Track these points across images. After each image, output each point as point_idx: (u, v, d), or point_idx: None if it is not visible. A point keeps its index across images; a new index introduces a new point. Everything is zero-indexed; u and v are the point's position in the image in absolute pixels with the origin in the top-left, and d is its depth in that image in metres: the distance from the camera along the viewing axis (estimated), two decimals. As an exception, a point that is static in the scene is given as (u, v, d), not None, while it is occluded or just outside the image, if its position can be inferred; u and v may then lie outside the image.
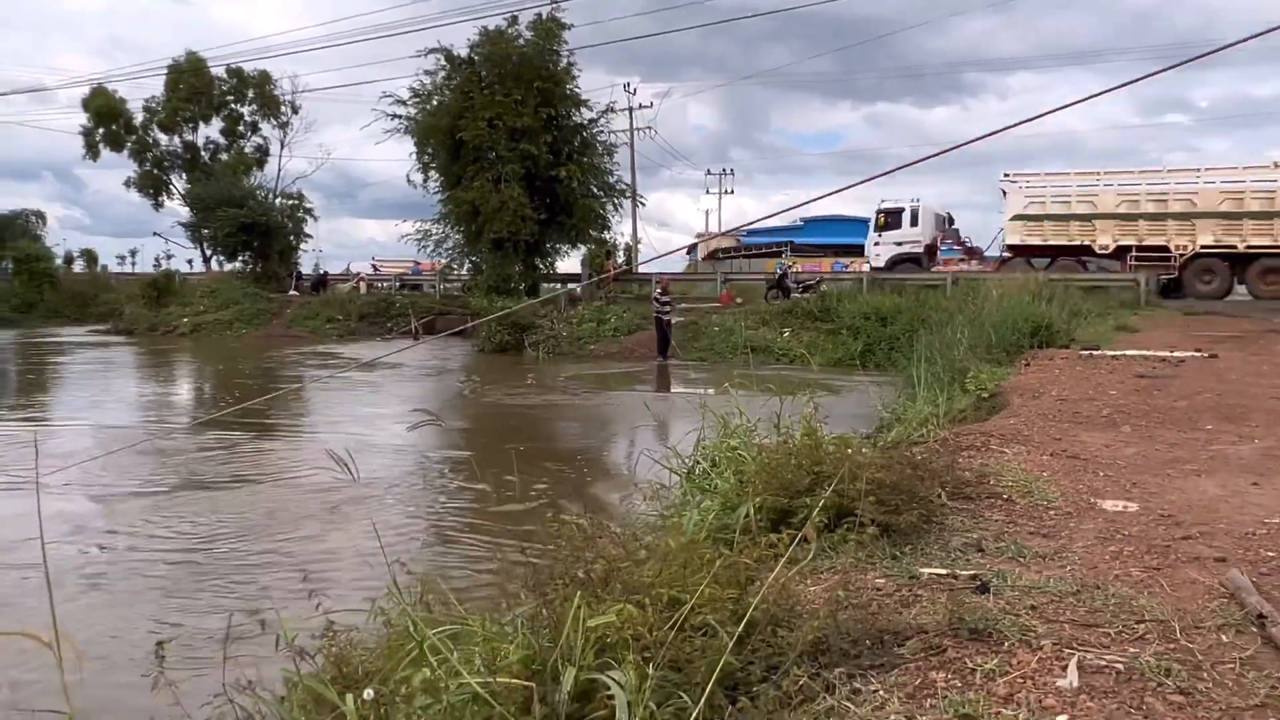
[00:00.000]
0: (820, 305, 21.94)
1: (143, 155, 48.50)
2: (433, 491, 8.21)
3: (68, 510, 7.10)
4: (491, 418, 12.82)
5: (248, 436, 10.50)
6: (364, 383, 16.58)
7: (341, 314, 29.45)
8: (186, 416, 13.76)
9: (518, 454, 8.43)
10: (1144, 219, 24.32)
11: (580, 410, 14.02)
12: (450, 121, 25.13)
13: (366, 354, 22.76)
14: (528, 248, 25.71)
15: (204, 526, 6.83)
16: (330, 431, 10.86)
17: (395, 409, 12.74)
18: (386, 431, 11.00)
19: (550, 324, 23.42)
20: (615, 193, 28.17)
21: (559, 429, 12.48)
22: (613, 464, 9.77)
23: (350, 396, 14.95)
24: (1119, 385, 7.27)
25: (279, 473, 8.77)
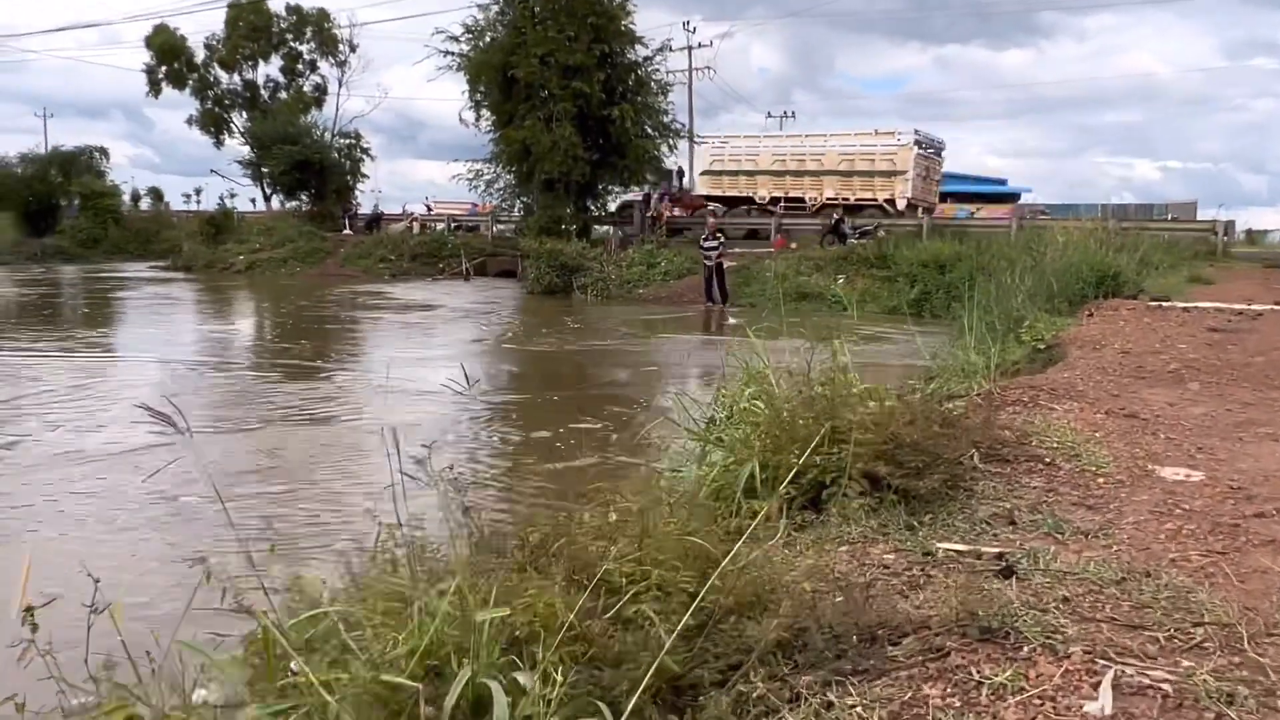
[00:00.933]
0: (877, 252, 21.17)
1: (204, 93, 48.76)
2: (467, 442, 7.90)
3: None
4: (535, 362, 12.49)
5: (297, 375, 10.44)
6: (416, 324, 16.48)
7: (394, 254, 29.39)
8: (251, 355, 13.81)
9: (553, 404, 8.20)
10: (789, 175, 29.54)
11: (623, 356, 13.44)
12: (502, 58, 24.57)
13: (417, 294, 22.68)
14: (579, 189, 25.21)
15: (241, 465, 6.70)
16: (376, 374, 10.64)
17: (441, 352, 12.62)
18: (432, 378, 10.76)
19: (599, 266, 23.02)
20: (670, 133, 27.43)
21: (598, 376, 12.06)
22: (644, 417, 9.33)
23: (402, 336, 14.93)
24: (1189, 339, 6.67)
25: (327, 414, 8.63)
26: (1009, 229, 23.36)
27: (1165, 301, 9.72)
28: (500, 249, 29.75)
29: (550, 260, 22.61)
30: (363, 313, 18.14)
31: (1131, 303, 9.77)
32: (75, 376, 9.92)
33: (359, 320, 16.44)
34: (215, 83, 49.02)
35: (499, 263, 29.19)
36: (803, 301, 20.25)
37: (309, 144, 32.22)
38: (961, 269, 19.00)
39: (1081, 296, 10.73)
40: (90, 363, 11.28)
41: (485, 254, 30.04)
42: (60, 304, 17.93)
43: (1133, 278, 11.61)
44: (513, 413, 8.50)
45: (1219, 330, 7.09)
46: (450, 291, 23.88)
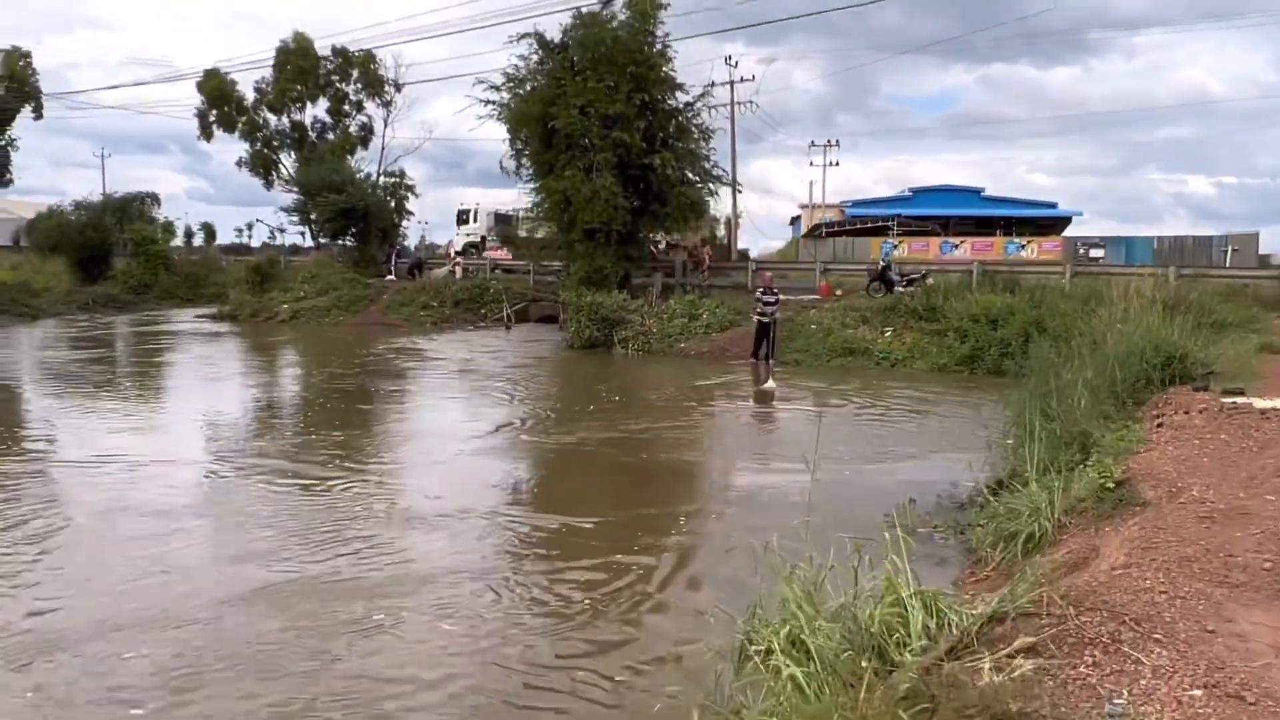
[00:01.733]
0: (925, 303, 20.61)
1: (253, 135, 49.65)
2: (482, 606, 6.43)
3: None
4: (563, 466, 10.67)
5: (309, 485, 10.15)
6: (445, 401, 15.82)
7: (436, 300, 29.46)
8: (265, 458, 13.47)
9: (579, 542, 7.56)
10: None
11: (668, 450, 11.25)
12: (542, 109, 24.51)
13: (455, 350, 22.53)
14: (620, 238, 24.97)
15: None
16: (390, 483, 9.40)
17: (466, 447, 11.14)
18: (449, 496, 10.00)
19: (640, 319, 22.73)
20: (711, 178, 27.12)
21: (636, 490, 9.63)
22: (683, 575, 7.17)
23: (428, 417, 14.01)
24: (1273, 473, 6.11)
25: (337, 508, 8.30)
26: (1062, 274, 22.69)
27: (1239, 396, 9.08)
28: (542, 294, 29.69)
29: (590, 314, 22.37)
30: (393, 381, 17.63)
31: (1202, 397, 9.16)
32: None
33: (386, 395, 15.82)
34: (264, 125, 49.92)
35: (541, 308, 29.13)
36: (849, 357, 19.86)
37: (352, 191, 32.40)
38: (1014, 324, 18.48)
39: (1147, 381, 10.15)
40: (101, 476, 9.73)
41: (527, 299, 30.02)
42: (97, 375, 17.72)
43: (1199, 356, 10.94)
44: (533, 551, 7.38)
45: (1309, 459, 6.51)
46: (490, 345, 23.72)
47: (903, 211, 54.09)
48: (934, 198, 57.25)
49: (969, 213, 55.16)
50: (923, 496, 9.08)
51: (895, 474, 10.38)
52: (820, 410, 14.20)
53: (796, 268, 32.01)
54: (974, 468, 9.39)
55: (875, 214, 53.63)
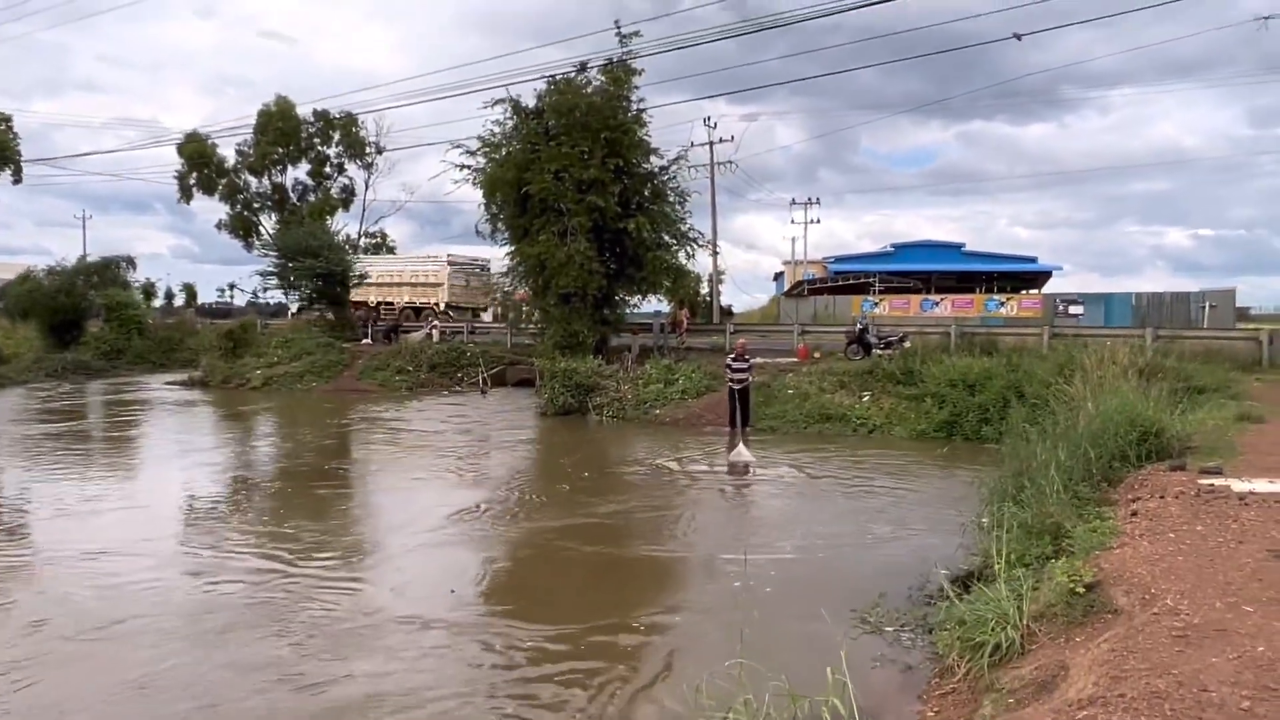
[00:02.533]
0: (903, 366, 20.37)
1: (233, 198, 49.66)
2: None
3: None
4: (529, 561, 9.89)
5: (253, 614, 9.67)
6: (408, 482, 15.00)
7: (411, 365, 29.07)
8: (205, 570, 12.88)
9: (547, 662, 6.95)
10: (386, 286, 40.41)
11: (643, 538, 10.75)
12: (516, 174, 24.45)
13: (427, 420, 22.08)
14: (596, 302, 24.75)
15: None
16: (346, 594, 8.45)
17: (422, 540, 10.38)
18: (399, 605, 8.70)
19: (615, 385, 22.39)
20: (688, 241, 27.04)
21: (608, 593, 8.70)
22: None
23: (386, 506, 12.89)
24: (1252, 577, 5.77)
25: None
26: (1039, 336, 22.56)
27: (1217, 477, 8.78)
28: (519, 357, 29.36)
29: (564, 380, 22.04)
30: (355, 458, 16.95)
31: (1179, 478, 8.85)
32: None
33: (345, 476, 14.95)
34: (245, 187, 49.97)
35: (518, 372, 28.79)
36: (826, 424, 19.55)
37: (330, 255, 32.18)
38: (992, 389, 18.27)
39: (1122, 458, 9.85)
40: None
41: (504, 363, 29.68)
42: (46, 451, 17.11)
43: (1175, 430, 10.65)
44: (474, 672, 6.71)
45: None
46: (463, 413, 23.28)
47: (885, 267, 54.31)
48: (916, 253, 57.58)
49: (950, 268, 55.49)
50: (895, 584, 8.72)
51: (868, 558, 10.01)
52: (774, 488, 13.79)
53: (776, 329, 31.86)
54: (947, 555, 9.08)
55: (858, 269, 53.84)
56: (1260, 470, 9.29)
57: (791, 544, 10.30)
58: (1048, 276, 55.17)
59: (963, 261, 56.98)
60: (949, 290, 49.52)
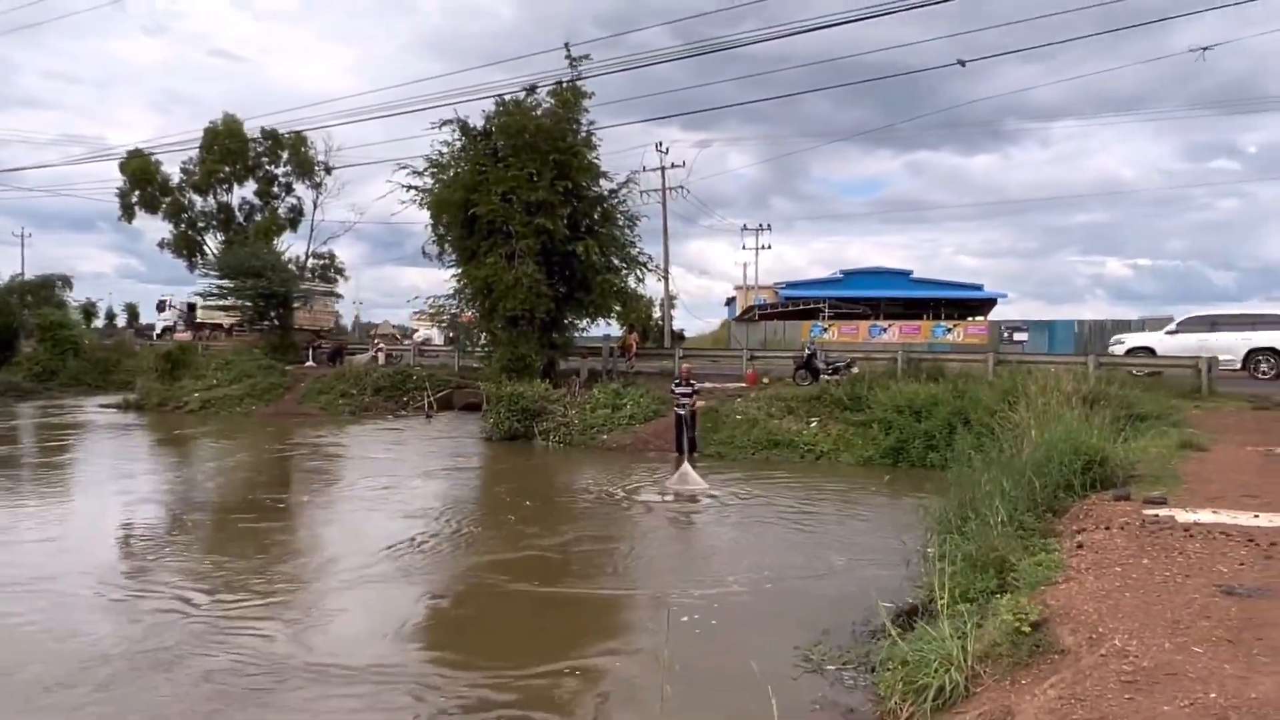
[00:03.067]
0: (850, 393, 20.23)
1: (177, 216, 48.50)
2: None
3: None
4: (467, 594, 9.41)
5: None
6: (347, 502, 14.44)
7: (355, 388, 28.37)
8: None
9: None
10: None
11: (588, 576, 10.09)
12: (463, 195, 24.02)
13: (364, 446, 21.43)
14: (544, 325, 24.33)
15: None
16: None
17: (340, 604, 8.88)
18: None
19: (562, 409, 21.96)
20: (638, 265, 26.77)
21: (556, 645, 7.78)
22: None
23: (305, 551, 11.44)
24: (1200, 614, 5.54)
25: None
26: (985, 362, 22.58)
27: (1161, 507, 8.62)
28: (467, 380, 28.83)
29: (510, 405, 21.56)
30: (288, 487, 16.04)
31: (1124, 508, 8.68)
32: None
33: (273, 508, 13.76)
34: (189, 206, 48.84)
35: (465, 395, 28.26)
36: (774, 450, 19.30)
37: (272, 276, 31.37)
38: (939, 416, 18.15)
39: (1067, 487, 9.68)
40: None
41: (451, 386, 29.10)
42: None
43: (1119, 458, 10.52)
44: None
45: (1234, 594, 5.97)
46: (406, 438, 22.68)
47: (835, 293, 54.75)
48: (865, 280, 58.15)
49: (899, 294, 56.09)
50: (840, 618, 8.42)
51: (814, 591, 9.69)
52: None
53: (726, 353, 31.72)
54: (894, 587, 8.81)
55: (808, 295, 54.21)
56: (1203, 500, 9.17)
57: (736, 577, 9.97)
58: (993, 304, 55.96)
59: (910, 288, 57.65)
60: (897, 316, 49.98)
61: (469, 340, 27.23)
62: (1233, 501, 9.05)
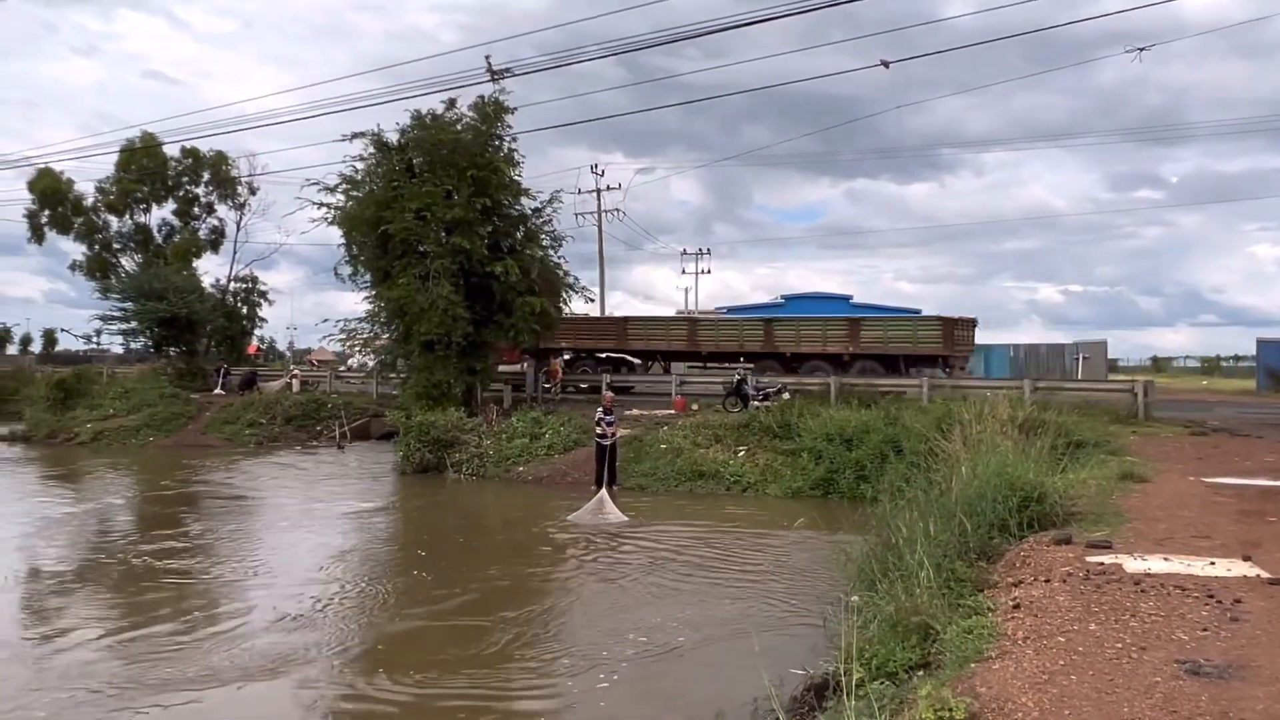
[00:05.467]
0: (780, 420, 19.16)
1: (91, 237, 46.00)
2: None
3: None
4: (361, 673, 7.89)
5: None
6: (228, 555, 12.53)
7: (265, 417, 26.63)
8: None
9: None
10: None
11: (490, 639, 8.80)
12: (376, 212, 22.58)
13: (261, 481, 19.76)
14: (462, 350, 22.88)
15: None
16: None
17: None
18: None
19: (477, 439, 20.55)
20: (564, 287, 25.50)
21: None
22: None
23: (197, 583, 10.65)
24: (1164, 708, 4.38)
25: None
26: (919, 387, 21.68)
27: (1107, 553, 7.54)
28: (385, 408, 27.19)
29: (421, 435, 20.05)
30: (164, 536, 13.68)
31: (1065, 554, 7.57)
32: None
33: (140, 566, 11.74)
34: (104, 227, 46.38)
35: (383, 424, 26.63)
36: (699, 481, 18.16)
37: (174, 299, 29.45)
38: (870, 444, 17.19)
39: (1002, 527, 8.58)
40: None
41: (368, 415, 27.50)
42: None
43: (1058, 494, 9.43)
44: None
45: (1201, 675, 4.83)
46: (311, 472, 21.03)
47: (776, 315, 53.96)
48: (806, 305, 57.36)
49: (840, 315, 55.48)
50: (740, 692, 7.16)
51: (715, 656, 8.45)
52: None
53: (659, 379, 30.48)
54: (810, 645, 7.62)
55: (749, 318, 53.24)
56: (1152, 542, 8.11)
57: (636, 637, 8.77)
58: (931, 328, 55.61)
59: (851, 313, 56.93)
60: (836, 342, 49.17)
61: (383, 366, 25.56)
62: (1184, 544, 8.00)
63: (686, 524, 14.68)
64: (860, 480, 16.57)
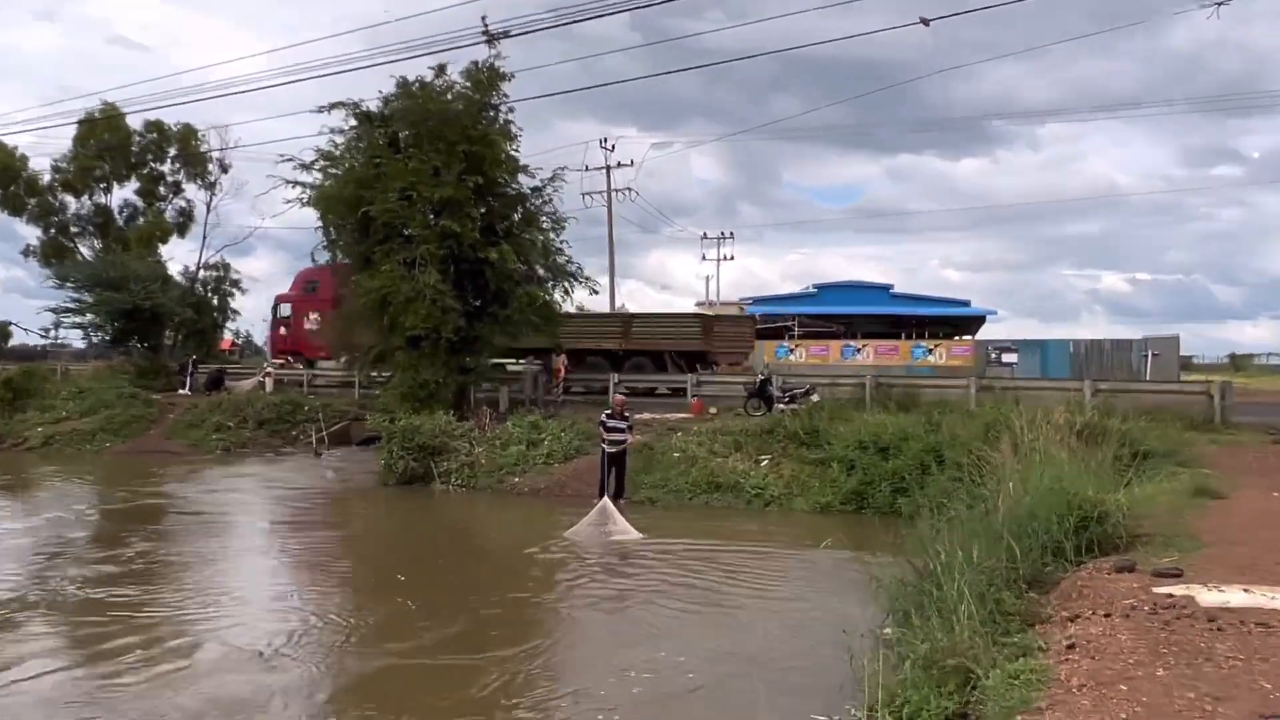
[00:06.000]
0: (807, 425, 18.97)
1: (46, 219, 46.20)
2: None
3: None
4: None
5: None
6: (181, 583, 12.05)
7: (235, 420, 26.62)
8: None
9: None
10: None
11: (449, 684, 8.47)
12: (356, 191, 22.44)
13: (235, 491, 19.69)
14: (452, 346, 22.74)
15: None
16: None
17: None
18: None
19: (468, 446, 20.42)
20: (565, 275, 25.36)
21: None
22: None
23: (138, 620, 10.10)
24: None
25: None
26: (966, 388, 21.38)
27: (1176, 582, 7.29)
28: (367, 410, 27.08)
29: (405, 441, 19.92)
30: (120, 554, 13.37)
31: (1128, 583, 7.33)
32: None
33: (73, 600, 11.22)
34: (61, 208, 46.56)
35: (364, 428, 26.45)
36: (716, 494, 18.03)
37: (136, 289, 29.46)
38: (909, 453, 16.99)
39: (1056, 551, 8.36)
40: None
41: (349, 418, 27.43)
42: None
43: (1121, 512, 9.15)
44: None
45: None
46: (285, 482, 20.94)
47: (807, 309, 53.80)
48: (840, 295, 57.32)
49: (877, 311, 55.31)
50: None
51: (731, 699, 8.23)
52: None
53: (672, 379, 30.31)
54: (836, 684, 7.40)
55: (777, 312, 53.08)
56: (1230, 569, 7.84)
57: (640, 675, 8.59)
58: (981, 322, 55.36)
59: (891, 304, 56.94)
60: (875, 336, 49.15)
61: (364, 364, 25.44)
62: (1268, 572, 7.73)
63: (700, 543, 14.48)
64: (897, 494, 16.32)
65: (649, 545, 14.17)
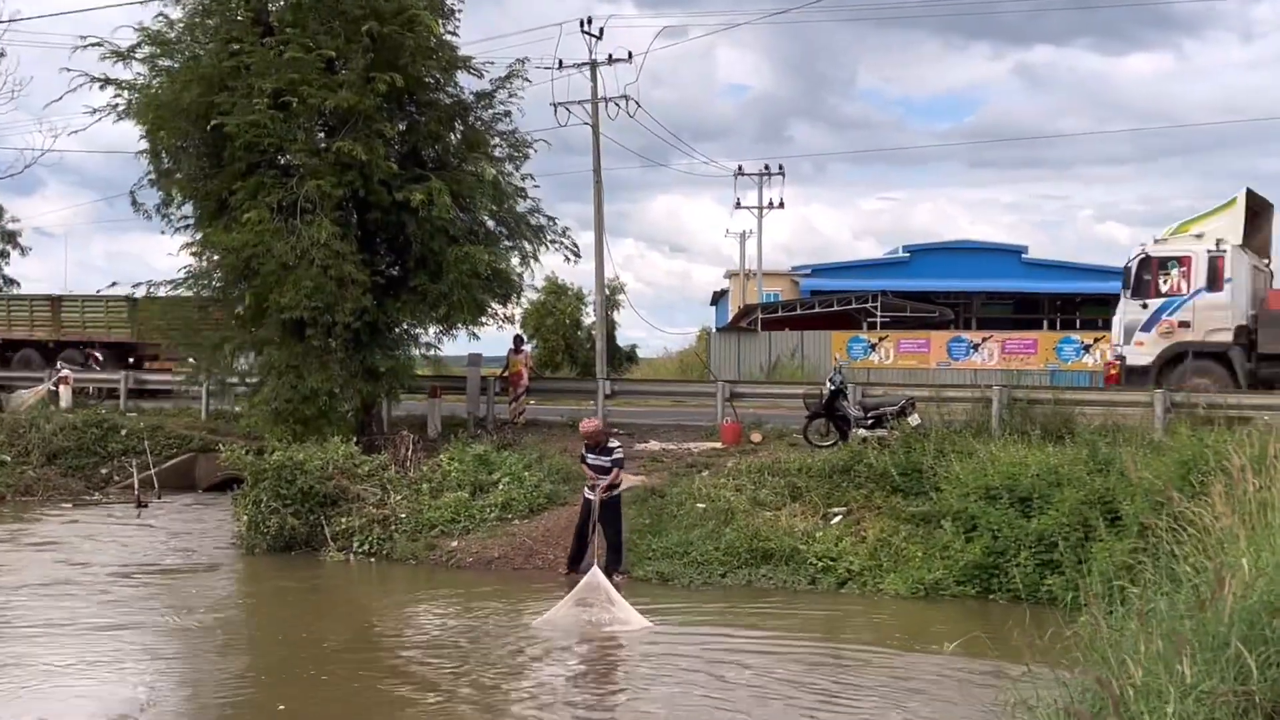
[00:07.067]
0: (904, 463, 19.09)
1: None
2: None
3: None
4: None
5: None
6: None
7: (10, 451, 26.78)
8: None
9: None
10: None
11: None
12: (202, 96, 22.36)
13: (14, 558, 19.60)
14: (354, 338, 22.75)
15: None
16: None
17: None
18: None
19: (380, 492, 20.45)
20: (527, 231, 25.40)
21: None
22: None
23: None
24: None
25: None
26: (1150, 407, 21.43)
27: None
28: (220, 436, 27.10)
29: (281, 487, 19.84)
30: None
31: None
32: None
33: None
34: None
35: (217, 464, 26.30)
36: (763, 566, 18.14)
37: None
38: (1063, 506, 16.98)
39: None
40: None
41: (195, 448, 27.55)
42: None
43: None
44: None
45: None
46: (86, 554, 20.61)
47: (893, 284, 54.13)
48: (945, 261, 57.79)
49: (1002, 286, 55.78)
50: None
51: None
52: None
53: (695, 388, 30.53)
54: None
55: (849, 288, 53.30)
56: None
57: None
58: (1160, 304, 55.63)
59: (1023, 277, 57.34)
60: (998, 324, 49.48)
61: (215, 364, 25.44)
62: None
63: (742, 642, 14.64)
64: (1046, 569, 16.39)
65: (667, 639, 14.21)
